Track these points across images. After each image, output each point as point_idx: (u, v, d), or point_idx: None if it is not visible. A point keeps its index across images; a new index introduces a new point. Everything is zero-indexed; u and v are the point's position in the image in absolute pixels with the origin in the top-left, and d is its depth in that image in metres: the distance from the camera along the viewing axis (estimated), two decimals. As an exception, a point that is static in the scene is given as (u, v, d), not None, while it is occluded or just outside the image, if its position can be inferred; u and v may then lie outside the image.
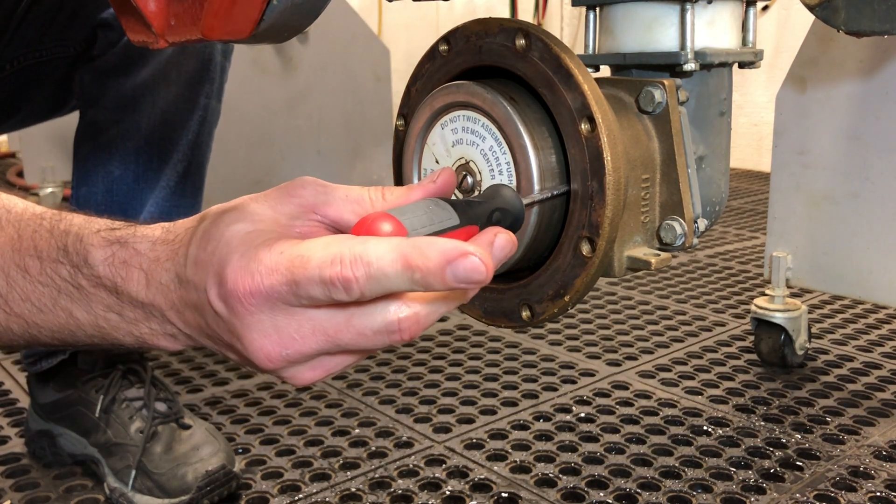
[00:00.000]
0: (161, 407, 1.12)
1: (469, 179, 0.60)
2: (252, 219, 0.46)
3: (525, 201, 0.55)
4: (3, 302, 0.52)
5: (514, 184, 0.58)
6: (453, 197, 0.58)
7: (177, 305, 0.48)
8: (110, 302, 0.50)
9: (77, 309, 0.51)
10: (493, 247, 0.46)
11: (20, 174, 3.32)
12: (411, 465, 1.17)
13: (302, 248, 0.43)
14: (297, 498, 1.10)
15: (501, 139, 0.58)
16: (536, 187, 0.57)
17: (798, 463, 1.16)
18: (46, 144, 2.84)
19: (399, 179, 0.67)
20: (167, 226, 0.50)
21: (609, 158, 0.55)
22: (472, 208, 0.51)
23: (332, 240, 0.43)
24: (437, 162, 0.62)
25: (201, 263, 0.46)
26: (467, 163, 0.60)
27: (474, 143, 0.60)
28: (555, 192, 0.57)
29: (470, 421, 1.30)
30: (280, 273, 0.42)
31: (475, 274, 0.41)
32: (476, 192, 0.60)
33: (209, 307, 0.45)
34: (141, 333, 0.51)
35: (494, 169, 0.59)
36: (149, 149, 1.11)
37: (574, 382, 1.44)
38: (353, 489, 1.11)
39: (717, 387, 1.42)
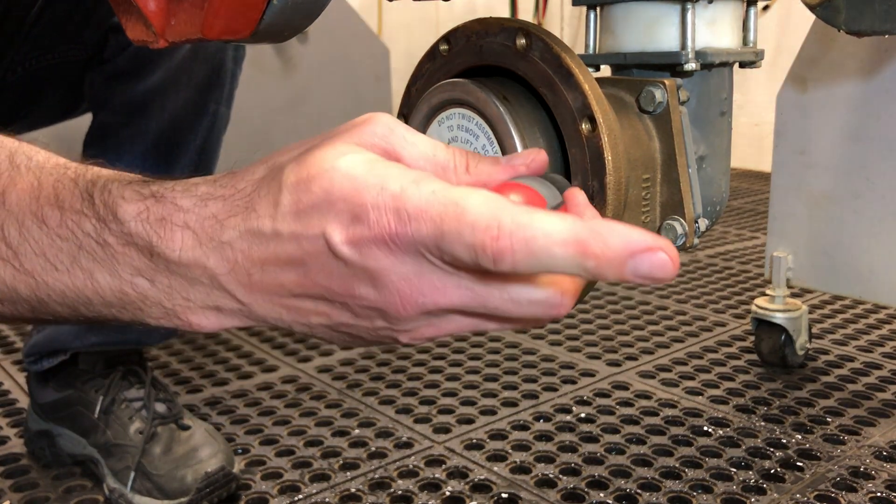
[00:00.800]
0: (161, 408, 1.12)
1: None
2: (357, 150, 0.39)
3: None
4: (13, 255, 0.45)
5: None
6: None
7: (246, 267, 0.41)
8: (141, 265, 0.43)
9: (99, 270, 0.44)
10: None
11: (20, 174, 3.32)
12: (411, 466, 1.17)
13: (457, 194, 0.37)
14: (296, 498, 1.09)
15: (493, 138, 0.58)
16: None
17: (798, 463, 1.16)
18: (51, 145, 2.84)
19: None
20: (211, 179, 0.43)
21: (610, 158, 0.55)
22: (559, 187, 0.47)
23: (491, 198, 0.37)
24: None
25: (312, 208, 0.39)
26: None
27: (468, 142, 0.59)
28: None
29: (470, 421, 1.30)
30: (429, 219, 0.37)
31: (661, 272, 0.35)
32: None
33: (326, 256, 0.39)
34: (173, 305, 0.43)
35: None
36: (156, 153, 1.11)
37: (574, 383, 1.44)
38: (353, 490, 1.11)
39: (718, 387, 1.42)
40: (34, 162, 0.47)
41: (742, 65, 0.74)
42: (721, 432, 1.26)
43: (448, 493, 1.10)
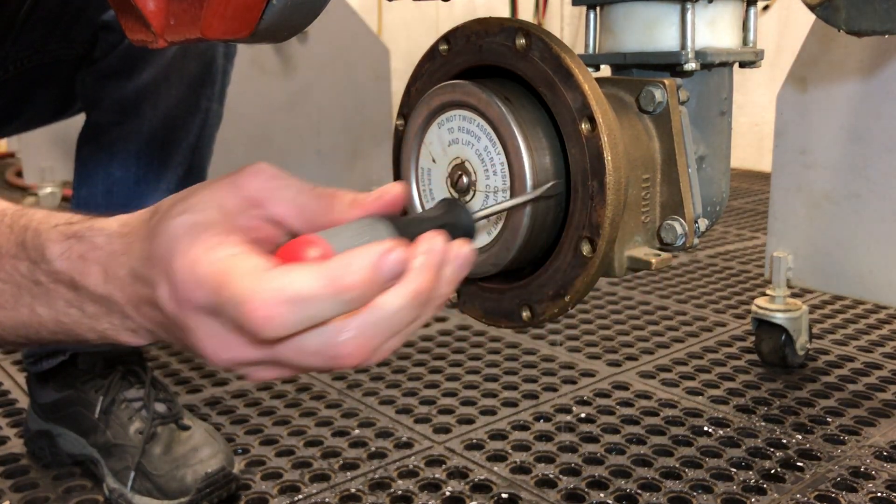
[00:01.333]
0: (160, 408, 1.12)
1: (464, 179, 0.60)
2: (197, 208, 0.45)
3: (477, 215, 0.53)
4: None
5: (507, 184, 0.58)
6: (426, 204, 0.58)
7: (134, 300, 0.47)
8: (70, 297, 0.49)
9: (38, 305, 0.50)
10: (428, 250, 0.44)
11: (19, 174, 3.32)
12: (411, 466, 1.17)
13: (228, 265, 0.41)
14: (296, 498, 1.09)
15: (496, 139, 0.58)
16: (529, 185, 0.56)
17: (799, 463, 1.16)
18: (45, 144, 2.84)
19: (398, 179, 0.66)
20: (124, 218, 0.49)
21: (609, 158, 0.55)
22: (415, 226, 0.48)
23: (255, 267, 0.41)
24: (433, 161, 0.62)
25: (153, 259, 0.45)
26: (463, 162, 0.60)
27: (469, 143, 0.59)
28: (507, 205, 0.56)
29: (470, 421, 1.30)
30: (209, 288, 0.42)
31: (400, 263, 0.41)
32: (471, 192, 0.60)
33: (161, 304, 0.44)
34: (103, 329, 0.49)
35: (489, 169, 0.59)
36: (150, 151, 1.11)
37: (574, 383, 1.44)
38: (353, 490, 1.11)
39: (718, 387, 1.41)
40: None
41: (742, 65, 0.74)
42: (721, 432, 1.25)
43: (448, 494, 1.10)
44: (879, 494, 1.08)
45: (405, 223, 0.48)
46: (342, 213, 0.46)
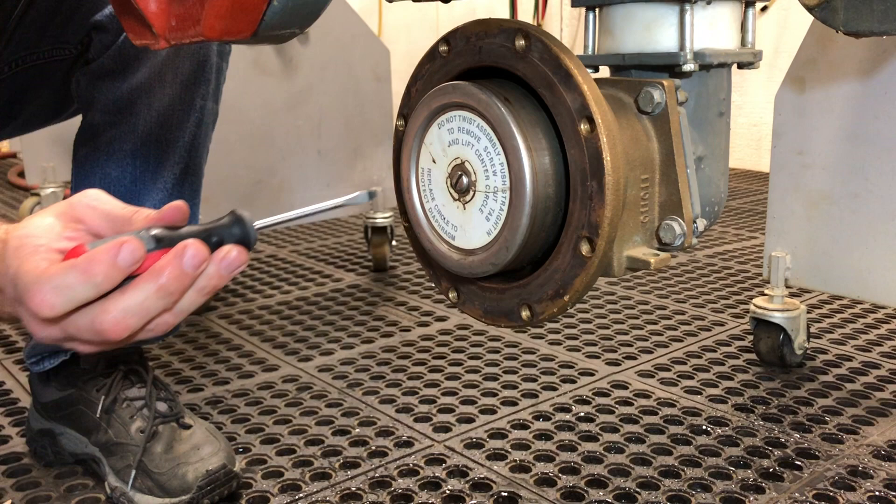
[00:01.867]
0: (162, 407, 1.13)
1: (464, 179, 0.61)
2: (29, 231, 0.58)
3: (257, 225, 0.61)
4: None
5: (507, 184, 0.58)
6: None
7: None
8: None
9: None
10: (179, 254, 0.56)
11: (21, 174, 3.33)
12: (411, 465, 1.17)
13: (24, 269, 0.55)
14: (297, 497, 1.10)
15: (495, 140, 0.58)
16: (528, 185, 0.57)
17: (797, 462, 1.17)
18: (47, 144, 2.84)
19: (398, 179, 0.67)
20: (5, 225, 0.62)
21: (608, 159, 0.55)
22: (181, 236, 0.58)
23: (38, 267, 0.55)
24: (433, 161, 0.63)
25: (5, 263, 0.58)
26: (463, 163, 0.61)
27: (469, 144, 0.60)
28: (289, 215, 0.63)
29: (470, 420, 1.31)
30: (12, 288, 0.56)
31: (137, 252, 0.54)
32: (471, 193, 0.61)
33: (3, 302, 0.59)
34: (9, 312, 0.62)
35: (489, 169, 0.59)
36: (145, 151, 1.11)
37: (573, 382, 1.45)
38: (354, 488, 1.11)
39: (717, 386, 1.42)
40: None
41: (740, 65, 0.74)
42: (720, 431, 1.26)
43: (448, 492, 1.11)
44: (877, 493, 1.09)
45: (173, 233, 0.58)
46: (136, 225, 0.60)
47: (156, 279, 0.55)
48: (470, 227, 0.62)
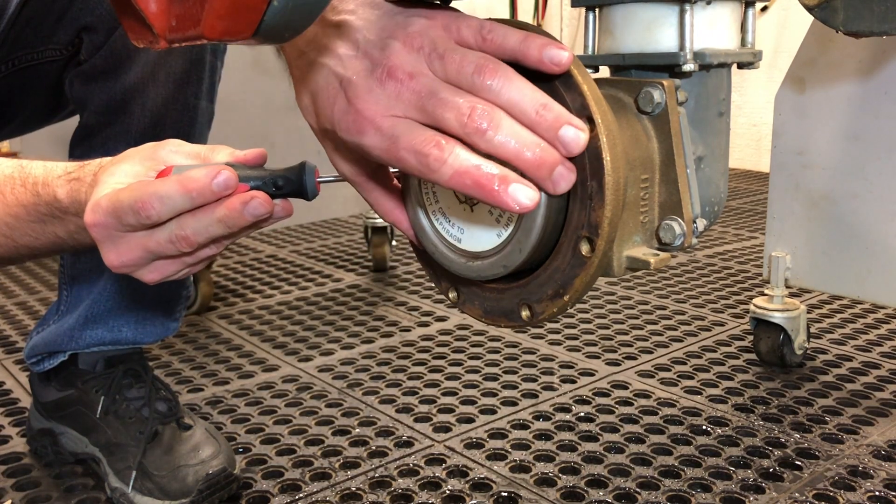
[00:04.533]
0: (161, 407, 1.13)
1: None
2: (118, 174, 0.65)
3: (319, 180, 0.66)
4: (12, 240, 0.75)
5: None
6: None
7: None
8: (75, 221, 0.71)
9: (59, 229, 0.72)
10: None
11: (20, 174, 3.32)
12: (411, 465, 1.17)
13: (121, 191, 0.61)
14: (297, 497, 1.10)
15: None
16: (544, 193, 0.56)
17: (797, 462, 1.17)
18: (47, 145, 2.84)
19: (399, 176, 0.67)
20: (105, 159, 0.68)
21: (608, 159, 0.55)
22: (256, 172, 0.65)
23: (139, 184, 0.61)
24: None
25: (91, 201, 0.64)
26: None
27: None
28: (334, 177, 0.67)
29: (470, 420, 1.31)
30: (104, 209, 0.61)
31: (230, 180, 0.60)
32: None
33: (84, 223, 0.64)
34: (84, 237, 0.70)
35: None
36: None
37: (573, 382, 1.45)
38: (354, 488, 1.11)
39: (717, 386, 1.42)
40: None
41: (740, 66, 0.74)
42: (720, 431, 1.26)
43: (448, 492, 1.11)
44: (877, 493, 1.09)
45: (250, 170, 0.64)
46: (219, 158, 0.67)
47: (221, 209, 0.61)
48: (478, 230, 0.61)
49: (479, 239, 0.61)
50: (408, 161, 0.55)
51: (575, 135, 0.54)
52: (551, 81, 0.57)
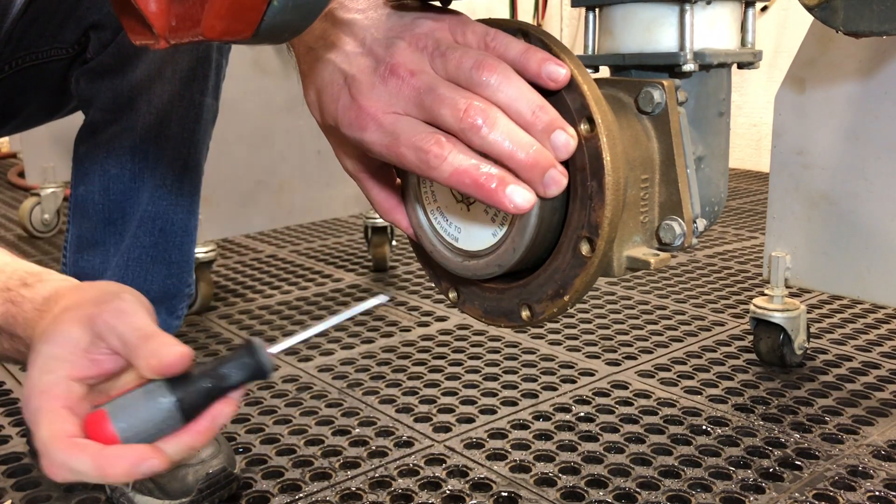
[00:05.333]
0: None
1: None
2: (57, 340, 0.57)
3: (275, 349, 0.58)
4: None
5: None
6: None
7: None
8: (7, 343, 0.65)
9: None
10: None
11: (21, 174, 3.33)
12: (411, 465, 1.17)
13: (43, 417, 0.55)
14: (297, 497, 1.10)
15: None
16: None
17: (797, 462, 1.17)
18: (47, 144, 2.84)
19: (398, 178, 0.67)
20: (48, 294, 0.62)
21: (608, 159, 0.55)
22: (194, 382, 0.55)
23: (62, 432, 0.54)
24: None
25: (29, 361, 0.58)
26: None
27: None
28: (306, 335, 0.61)
29: (470, 420, 1.31)
30: (28, 413, 0.56)
31: (157, 466, 0.53)
32: None
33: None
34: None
35: None
36: (144, 147, 1.11)
37: (574, 382, 1.45)
38: (354, 488, 1.11)
39: (717, 386, 1.42)
40: None
41: (740, 65, 0.74)
42: (720, 431, 1.26)
43: (448, 492, 1.11)
44: (877, 493, 1.09)
45: (185, 385, 0.55)
46: (139, 361, 0.56)
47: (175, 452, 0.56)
48: (474, 229, 0.61)
49: (476, 238, 0.62)
50: (408, 157, 0.55)
51: (566, 140, 0.55)
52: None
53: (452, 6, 0.62)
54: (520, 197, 0.53)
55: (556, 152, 0.55)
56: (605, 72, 0.73)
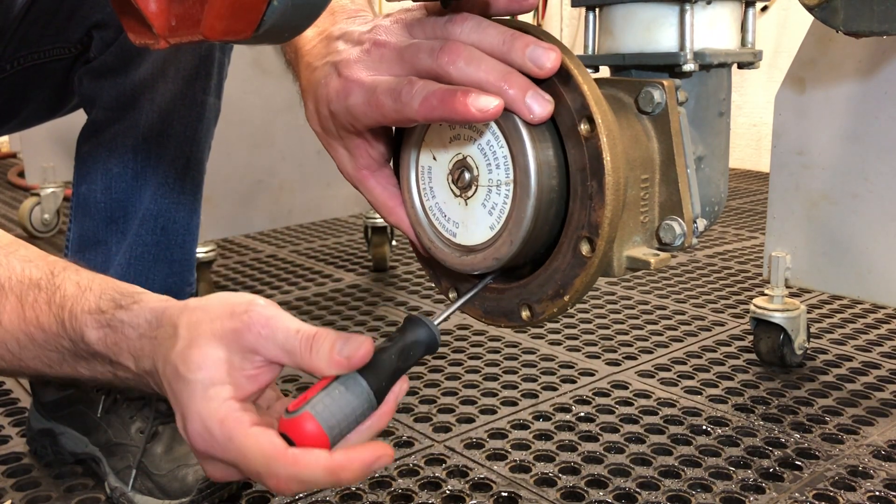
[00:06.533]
0: (162, 406, 1.12)
1: (466, 175, 0.60)
2: (208, 366, 0.55)
3: (437, 321, 0.58)
4: (18, 359, 0.64)
5: (511, 177, 0.58)
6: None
7: (159, 383, 0.59)
8: (106, 367, 0.62)
9: (81, 367, 0.63)
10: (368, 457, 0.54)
11: (21, 174, 3.33)
12: (411, 465, 1.17)
13: (244, 442, 0.53)
14: (297, 497, 1.10)
15: (498, 132, 0.58)
16: (533, 178, 0.57)
17: (797, 462, 1.17)
18: (47, 144, 2.84)
19: (398, 176, 0.67)
20: (150, 317, 0.59)
21: (608, 159, 0.55)
22: (383, 368, 0.55)
23: (269, 448, 0.52)
24: (434, 158, 0.63)
25: (174, 392, 0.56)
26: (464, 158, 0.61)
27: (471, 138, 0.60)
28: (460, 303, 0.63)
29: (470, 420, 1.31)
30: (227, 454, 0.54)
31: (386, 461, 0.54)
32: (473, 188, 0.60)
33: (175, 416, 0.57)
34: (136, 385, 0.63)
35: (492, 163, 0.59)
36: (146, 146, 1.11)
37: (574, 382, 1.45)
38: (354, 488, 1.11)
39: (717, 386, 1.42)
40: (13, 281, 0.63)
41: (740, 65, 0.74)
42: (720, 431, 1.26)
43: (448, 492, 1.11)
44: (877, 493, 1.09)
45: (374, 371, 0.55)
46: (320, 363, 0.54)
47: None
48: (472, 223, 0.61)
49: (473, 232, 0.62)
50: (385, 104, 0.57)
51: (544, 51, 0.55)
52: (550, 80, 0.57)
53: (451, 6, 0.62)
54: (485, 102, 0.53)
55: (536, 63, 0.55)
56: (605, 72, 0.73)
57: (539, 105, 0.55)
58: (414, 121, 0.57)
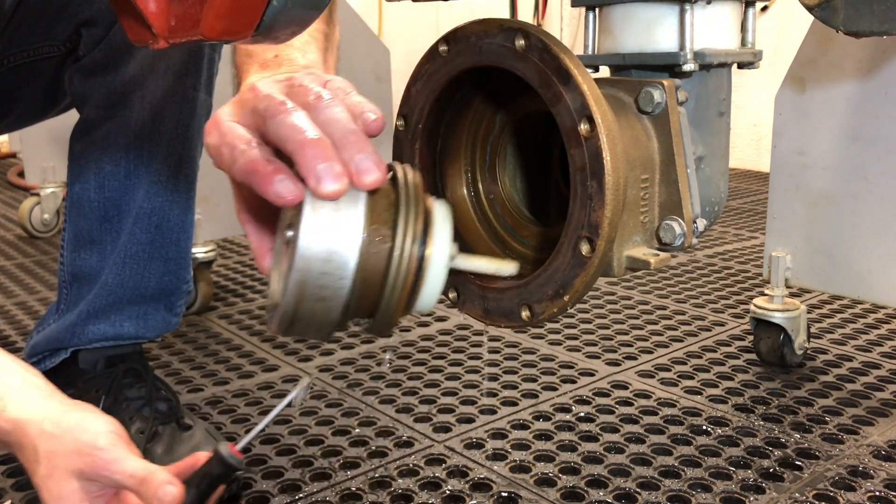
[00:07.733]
0: (162, 407, 1.13)
1: (288, 232, 0.57)
2: (67, 496, 0.73)
3: (237, 448, 0.75)
4: None
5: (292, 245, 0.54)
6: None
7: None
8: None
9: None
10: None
11: (21, 174, 3.33)
12: (411, 465, 1.17)
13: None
14: (297, 497, 1.10)
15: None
16: (300, 266, 0.52)
17: (797, 462, 1.17)
18: (47, 144, 2.84)
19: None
20: (9, 427, 0.74)
21: (608, 159, 0.55)
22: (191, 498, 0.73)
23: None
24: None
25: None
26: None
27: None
28: (264, 423, 0.77)
29: (470, 420, 1.31)
30: None
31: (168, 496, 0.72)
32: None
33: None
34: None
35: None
36: (139, 144, 1.11)
37: (574, 382, 1.45)
38: (354, 488, 1.11)
39: (717, 386, 1.42)
40: None
41: (741, 65, 0.74)
42: (720, 431, 1.26)
43: (448, 492, 1.11)
44: (878, 493, 1.09)
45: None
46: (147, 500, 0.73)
47: None
48: (275, 281, 0.59)
49: (275, 291, 0.58)
50: (224, 155, 0.57)
51: (373, 111, 0.57)
52: (551, 80, 0.57)
53: (451, 6, 0.62)
54: (284, 187, 0.52)
55: (364, 124, 0.56)
56: (605, 72, 0.73)
57: (330, 178, 0.52)
58: (235, 179, 0.57)
